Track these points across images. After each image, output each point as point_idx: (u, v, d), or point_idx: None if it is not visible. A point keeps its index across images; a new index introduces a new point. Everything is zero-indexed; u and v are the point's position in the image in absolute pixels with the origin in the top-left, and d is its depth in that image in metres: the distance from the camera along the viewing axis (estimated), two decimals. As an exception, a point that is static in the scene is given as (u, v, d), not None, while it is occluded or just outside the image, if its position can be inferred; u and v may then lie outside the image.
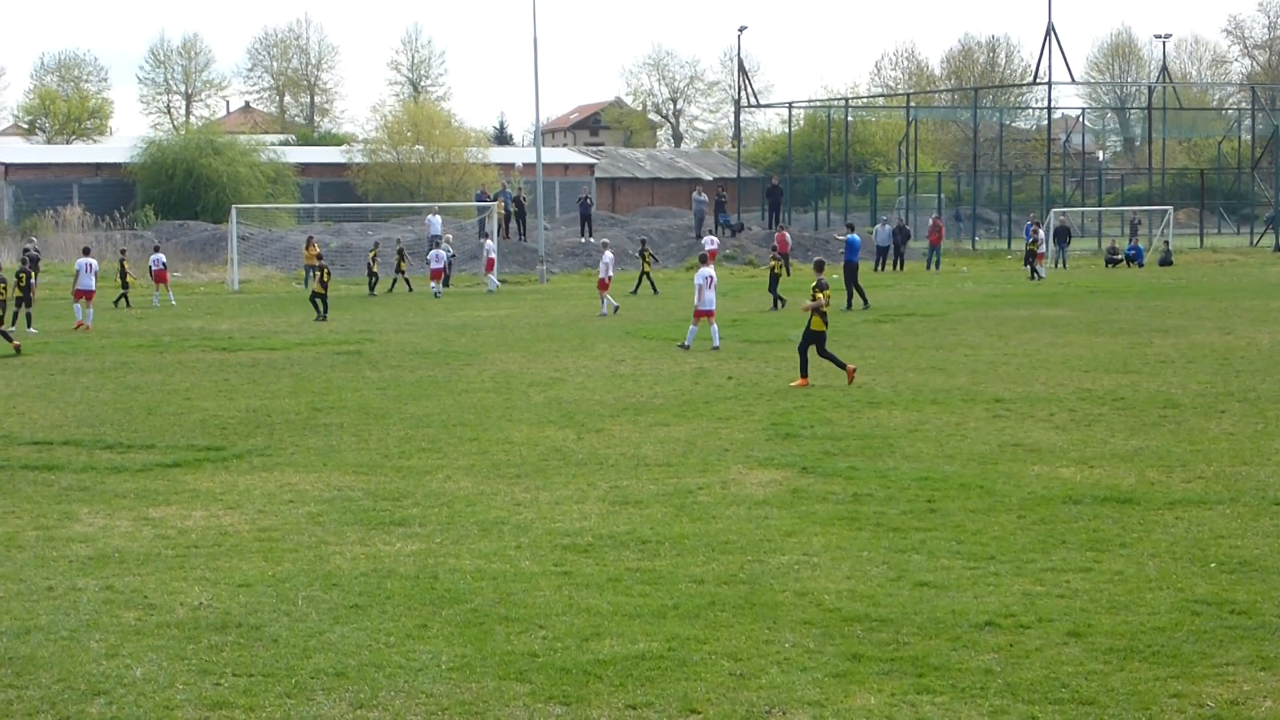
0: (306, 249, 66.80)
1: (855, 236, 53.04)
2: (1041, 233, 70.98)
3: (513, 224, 77.58)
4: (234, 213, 68.74)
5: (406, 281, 62.80)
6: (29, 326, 44.90)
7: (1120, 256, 77.33)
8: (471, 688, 12.23)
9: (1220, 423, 25.14)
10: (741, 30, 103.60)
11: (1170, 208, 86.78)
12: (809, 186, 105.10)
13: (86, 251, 50.59)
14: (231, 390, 30.99)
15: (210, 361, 36.58)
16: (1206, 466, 21.26)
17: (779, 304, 50.33)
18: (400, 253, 63.84)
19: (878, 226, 79.36)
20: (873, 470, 21.16)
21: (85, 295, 47.31)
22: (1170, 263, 77.27)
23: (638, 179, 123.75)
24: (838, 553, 16.50)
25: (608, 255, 51.70)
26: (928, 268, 75.71)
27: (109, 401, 29.52)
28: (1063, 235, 76.85)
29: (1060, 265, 74.80)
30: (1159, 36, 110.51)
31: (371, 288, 61.47)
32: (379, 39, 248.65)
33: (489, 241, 63.84)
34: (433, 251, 62.67)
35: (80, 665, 12.86)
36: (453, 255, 66.87)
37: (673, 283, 64.81)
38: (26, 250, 59.78)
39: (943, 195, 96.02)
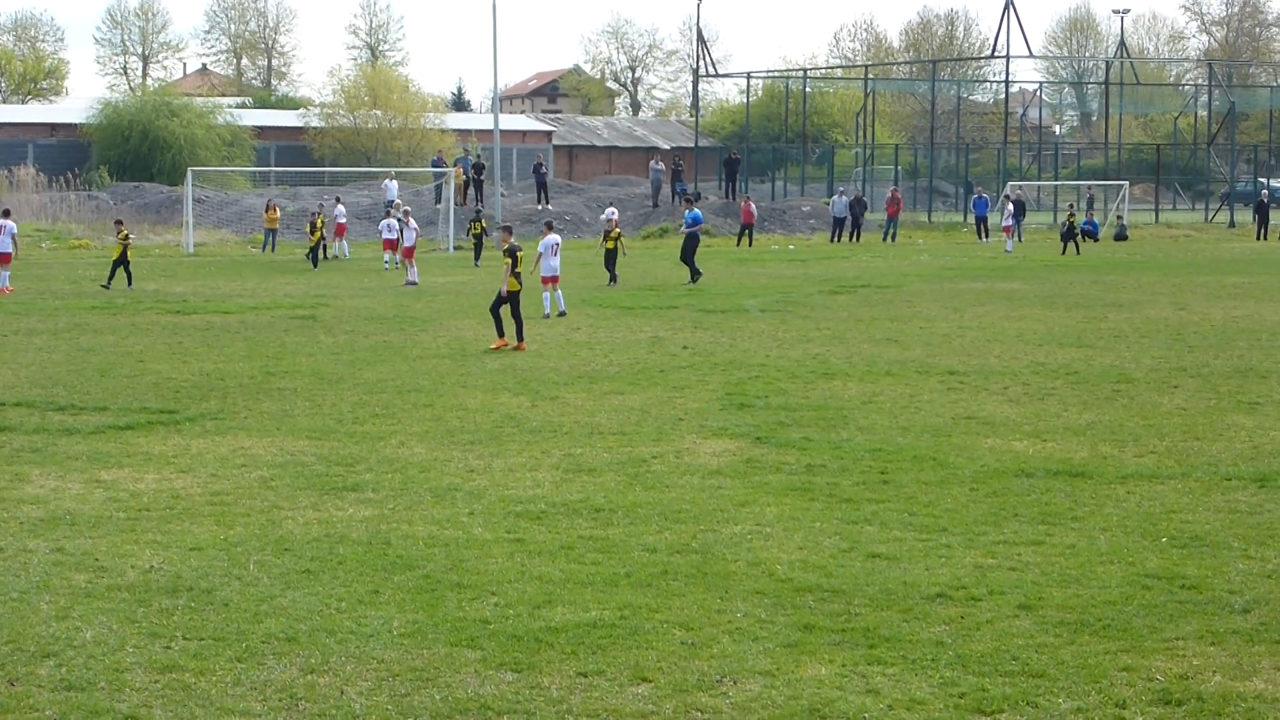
0: (267, 213, 66.62)
1: (696, 212, 51.80)
2: (1011, 206, 71.26)
3: (470, 190, 77.35)
4: (190, 175, 68.40)
5: (323, 250, 58.58)
6: None
7: (1076, 231, 77.40)
8: (423, 654, 12.22)
9: (1173, 398, 25.23)
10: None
11: (1126, 183, 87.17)
12: (766, 157, 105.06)
13: (6, 214, 49.42)
14: (185, 353, 30.87)
15: (164, 324, 36.43)
16: (1159, 441, 21.33)
17: (613, 280, 48.59)
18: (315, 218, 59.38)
19: (834, 198, 79.48)
20: (826, 441, 21.17)
21: (2, 259, 46.26)
22: (1125, 238, 77.52)
23: (595, 147, 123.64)
24: (790, 523, 16.52)
25: (413, 222, 51.14)
26: (884, 239, 75.84)
27: (61, 363, 29.38)
28: (1019, 209, 76.95)
29: (1016, 239, 74.95)
30: (1117, 12, 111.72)
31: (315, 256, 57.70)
32: (337, 2, 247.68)
33: (340, 207, 62.08)
34: (384, 221, 58.18)
35: (30, 627, 12.81)
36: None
37: (630, 252, 64.76)
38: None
39: (900, 167, 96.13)
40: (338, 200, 66.01)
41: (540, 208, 77.71)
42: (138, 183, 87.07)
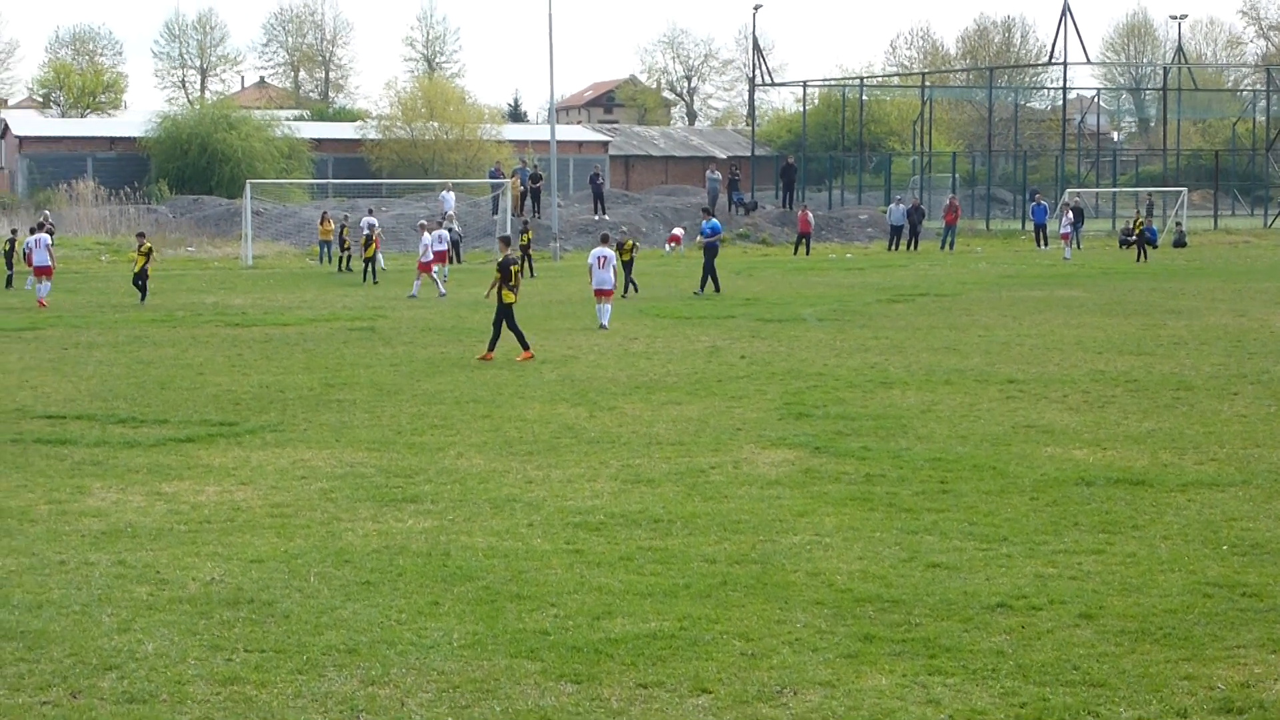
0: (321, 224, 66.84)
1: (715, 222, 51.59)
2: (1070, 213, 71.02)
3: (528, 201, 77.39)
4: (248, 188, 68.70)
5: (352, 262, 57.91)
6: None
7: (1134, 238, 77.07)
8: (483, 665, 12.25)
9: (1233, 405, 25.12)
10: (757, 8, 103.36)
11: (1185, 189, 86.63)
12: (823, 165, 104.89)
13: (40, 227, 49.24)
14: (244, 366, 31.01)
15: (223, 337, 36.60)
16: (1219, 448, 21.24)
17: (633, 288, 48.04)
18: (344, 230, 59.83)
19: (892, 205, 79.37)
20: (885, 451, 21.14)
21: (42, 272, 46.27)
22: (1184, 244, 77.16)
23: (652, 157, 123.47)
24: (850, 533, 16.50)
25: (426, 237, 49.81)
26: (942, 248, 75.65)
27: (122, 376, 29.55)
28: (1078, 216, 76.59)
29: (1075, 246, 74.63)
30: (1174, 17, 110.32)
31: (362, 268, 56.70)
32: (394, 15, 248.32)
33: (369, 218, 60.68)
34: (436, 233, 52.56)
35: (92, 640, 12.89)
36: (460, 235, 65.92)
37: (685, 261, 64.78)
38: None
39: (957, 175, 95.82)
40: (369, 211, 65.80)
41: (597, 218, 77.76)
42: (197, 195, 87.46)
